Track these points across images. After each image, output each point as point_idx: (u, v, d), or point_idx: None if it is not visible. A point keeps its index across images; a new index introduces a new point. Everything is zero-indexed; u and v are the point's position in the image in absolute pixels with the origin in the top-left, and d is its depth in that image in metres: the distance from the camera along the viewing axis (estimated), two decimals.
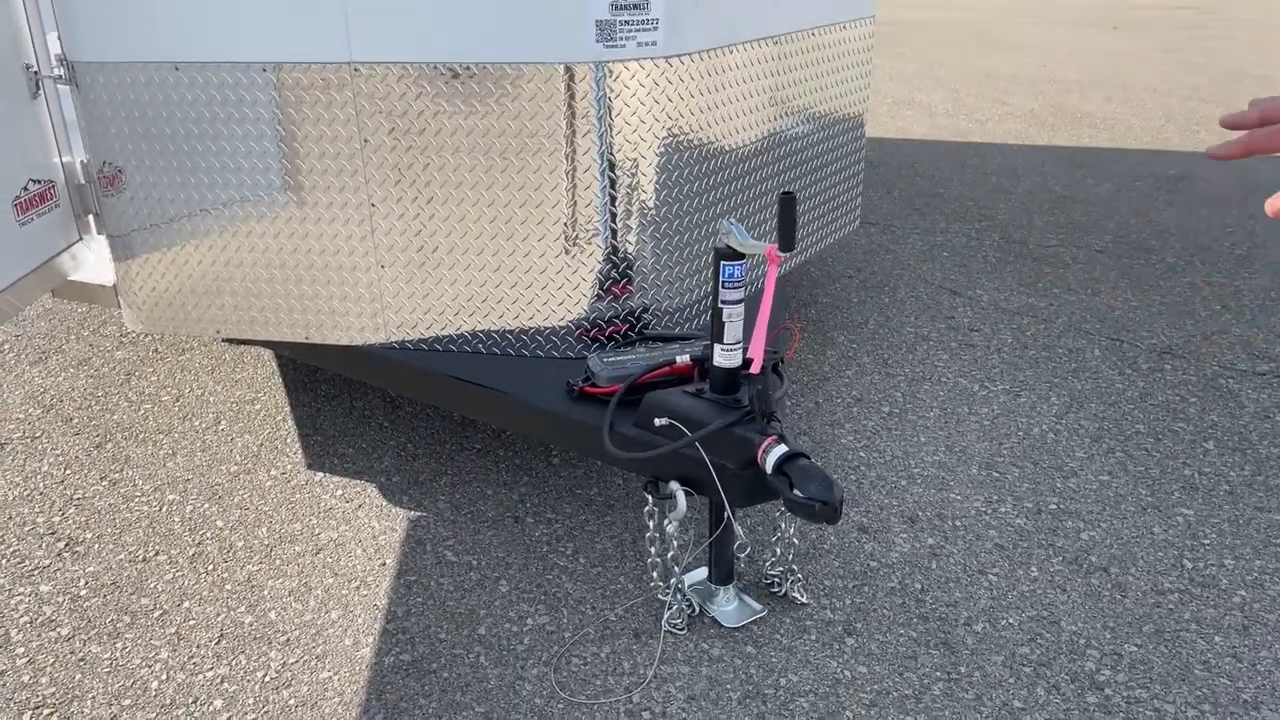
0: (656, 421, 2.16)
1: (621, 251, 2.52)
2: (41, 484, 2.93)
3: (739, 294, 2.07)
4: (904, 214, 5.26)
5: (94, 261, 2.92)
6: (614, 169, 2.45)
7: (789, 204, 1.91)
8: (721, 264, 2.05)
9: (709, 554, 2.32)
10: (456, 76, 2.37)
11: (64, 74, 2.60)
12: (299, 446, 3.09)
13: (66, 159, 2.75)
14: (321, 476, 2.93)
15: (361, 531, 2.67)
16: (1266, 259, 4.58)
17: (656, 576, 2.37)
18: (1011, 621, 2.30)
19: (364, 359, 2.71)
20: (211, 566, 2.55)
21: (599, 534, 2.64)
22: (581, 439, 2.35)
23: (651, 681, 2.14)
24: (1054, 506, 2.73)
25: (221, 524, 2.73)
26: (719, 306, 2.08)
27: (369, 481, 2.90)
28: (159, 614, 2.39)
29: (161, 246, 2.69)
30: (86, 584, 2.50)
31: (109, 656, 2.26)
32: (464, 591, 2.44)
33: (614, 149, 2.43)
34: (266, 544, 2.64)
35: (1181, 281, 4.32)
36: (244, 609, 2.40)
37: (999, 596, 2.39)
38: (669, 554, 2.27)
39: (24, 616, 2.39)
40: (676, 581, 2.28)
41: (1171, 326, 3.86)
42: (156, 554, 2.61)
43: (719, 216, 2.74)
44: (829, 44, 3.13)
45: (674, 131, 2.50)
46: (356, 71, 2.40)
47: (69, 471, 2.99)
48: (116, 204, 2.70)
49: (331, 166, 2.51)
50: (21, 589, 2.49)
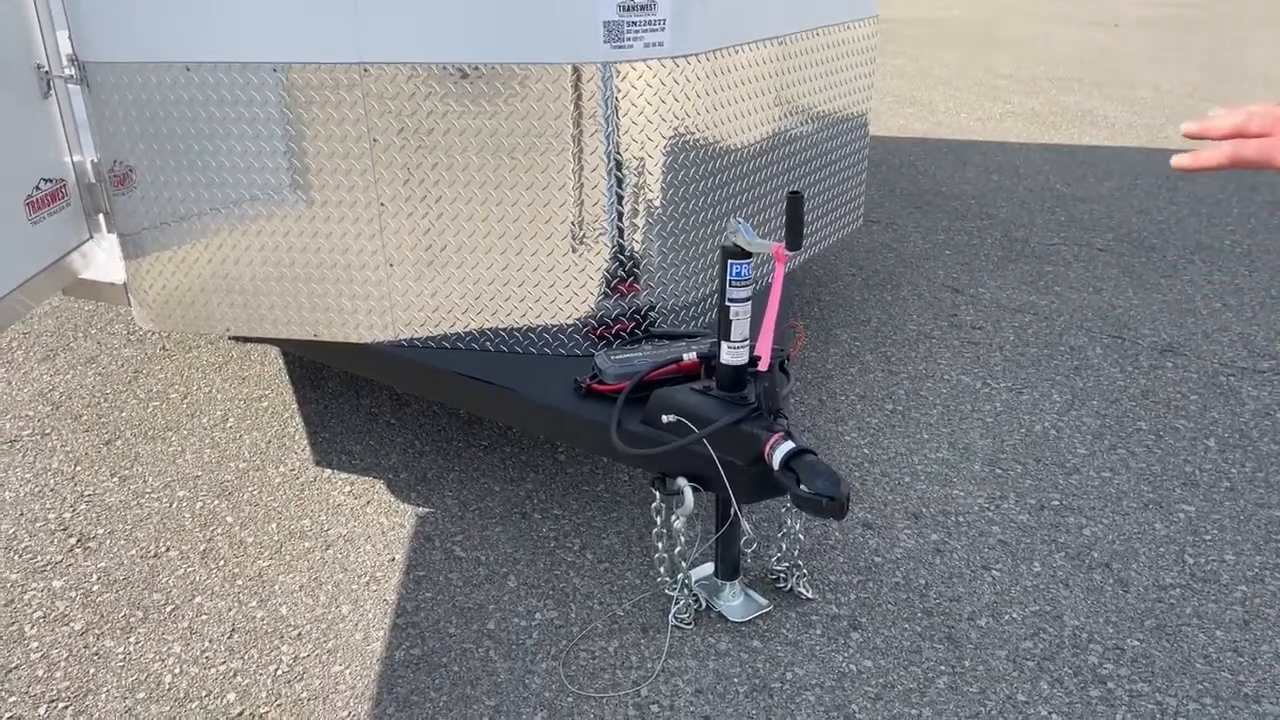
0: (664, 418, 2.19)
1: (629, 250, 2.54)
2: (52, 481, 2.96)
3: (746, 292, 2.09)
4: (906, 212, 5.28)
5: (104, 260, 2.94)
6: (621, 168, 2.47)
7: (796, 203, 1.93)
8: (729, 262, 2.07)
9: (715, 550, 2.34)
10: (465, 77, 2.40)
11: (75, 74, 2.62)
12: (307, 443, 3.12)
13: (77, 158, 2.78)
14: (330, 473, 2.95)
15: (370, 527, 2.70)
16: (1267, 257, 4.60)
17: (663, 572, 2.39)
18: (1015, 616, 2.33)
19: (372, 357, 2.73)
20: (222, 562, 2.58)
21: (606, 530, 2.67)
22: (589, 436, 2.37)
23: (659, 675, 2.17)
24: (1056, 503, 2.75)
25: (231, 520, 2.75)
26: (726, 304, 2.10)
27: (377, 478, 2.92)
28: (171, 609, 2.42)
29: (172, 245, 2.71)
30: (99, 579, 2.53)
31: (122, 651, 2.29)
32: (473, 587, 2.47)
33: (621, 148, 2.45)
34: (276, 540, 2.66)
35: (1182, 279, 4.35)
36: (255, 604, 2.43)
37: (1002, 592, 2.41)
38: (676, 549, 2.30)
39: (37, 611, 2.42)
40: (683, 577, 2.31)
41: (1173, 324, 3.89)
42: (168, 549, 2.63)
43: (724, 215, 2.76)
44: (833, 44, 3.15)
45: (680, 131, 2.52)
46: (366, 72, 2.42)
47: (79, 468, 3.02)
48: (127, 203, 2.72)
49: (341, 166, 2.53)
50: (35, 584, 2.51)
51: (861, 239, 4.85)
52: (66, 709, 2.13)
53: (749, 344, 2.14)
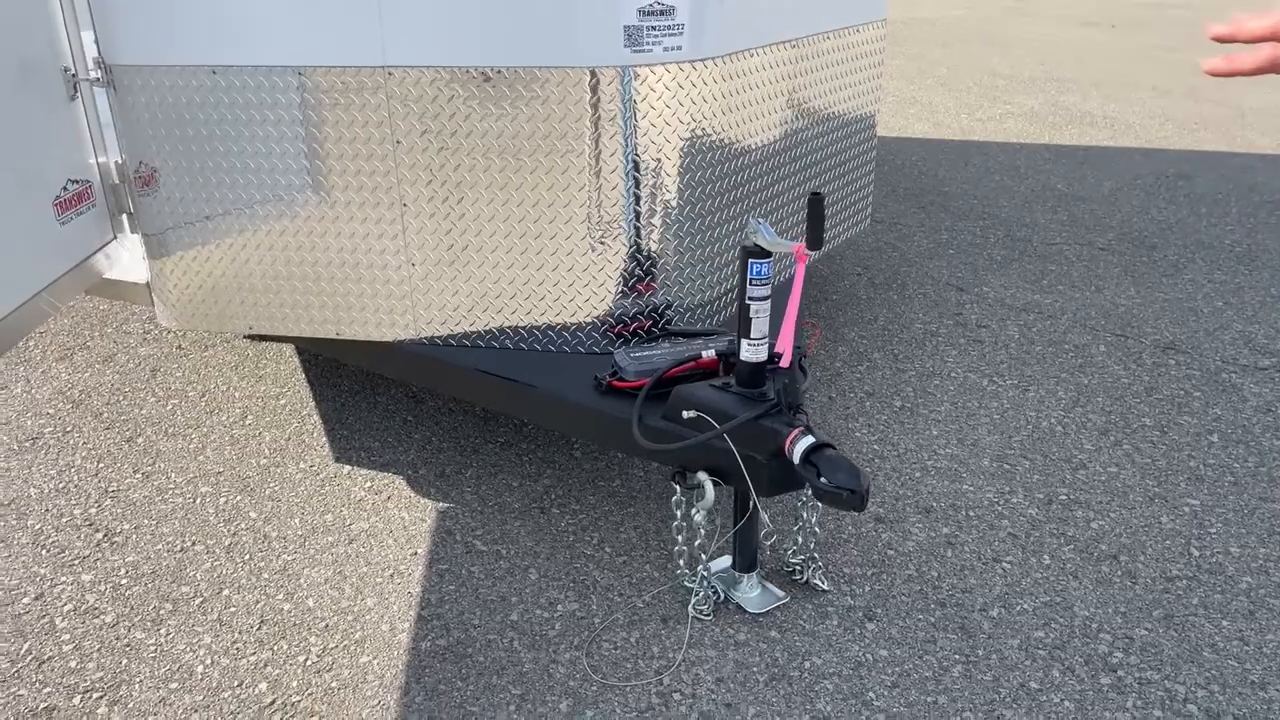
0: (684, 414, 2.24)
1: (647, 250, 2.60)
2: (76, 477, 3.00)
3: (766, 290, 2.15)
4: (909, 211, 5.34)
5: (127, 260, 2.99)
6: (640, 170, 2.52)
7: (817, 204, 1.98)
8: (749, 261, 2.12)
9: (733, 542, 2.40)
10: (488, 80, 2.45)
11: (101, 77, 2.66)
12: (325, 440, 3.17)
13: (101, 159, 2.82)
14: (349, 469, 3.00)
15: (392, 522, 2.75)
16: (1267, 257, 4.67)
17: (683, 564, 2.44)
18: (1026, 607, 2.38)
19: (394, 355, 2.78)
20: (248, 556, 2.63)
21: (623, 524, 2.72)
22: (610, 431, 2.42)
23: (681, 665, 2.22)
24: (1064, 497, 2.81)
25: (255, 515, 2.80)
26: (746, 303, 2.15)
27: (396, 474, 2.97)
28: (200, 601, 2.47)
29: (195, 245, 2.76)
30: (127, 573, 2.57)
31: (153, 642, 2.33)
32: (495, 579, 2.52)
33: (639, 150, 2.50)
34: (300, 534, 2.71)
35: (1183, 279, 4.41)
36: (282, 596, 2.48)
37: (1013, 583, 2.47)
38: (696, 542, 2.35)
39: (68, 604, 2.47)
40: (703, 569, 2.36)
41: (1174, 323, 3.95)
42: (193, 544, 2.68)
43: (739, 216, 2.82)
44: (843, 47, 3.21)
45: (697, 134, 2.57)
46: (390, 75, 2.47)
47: (102, 465, 3.06)
48: (152, 203, 2.76)
49: (364, 167, 2.58)
50: (64, 578, 2.56)
51: (866, 238, 4.90)
52: (101, 699, 2.18)
53: (768, 341, 2.19)
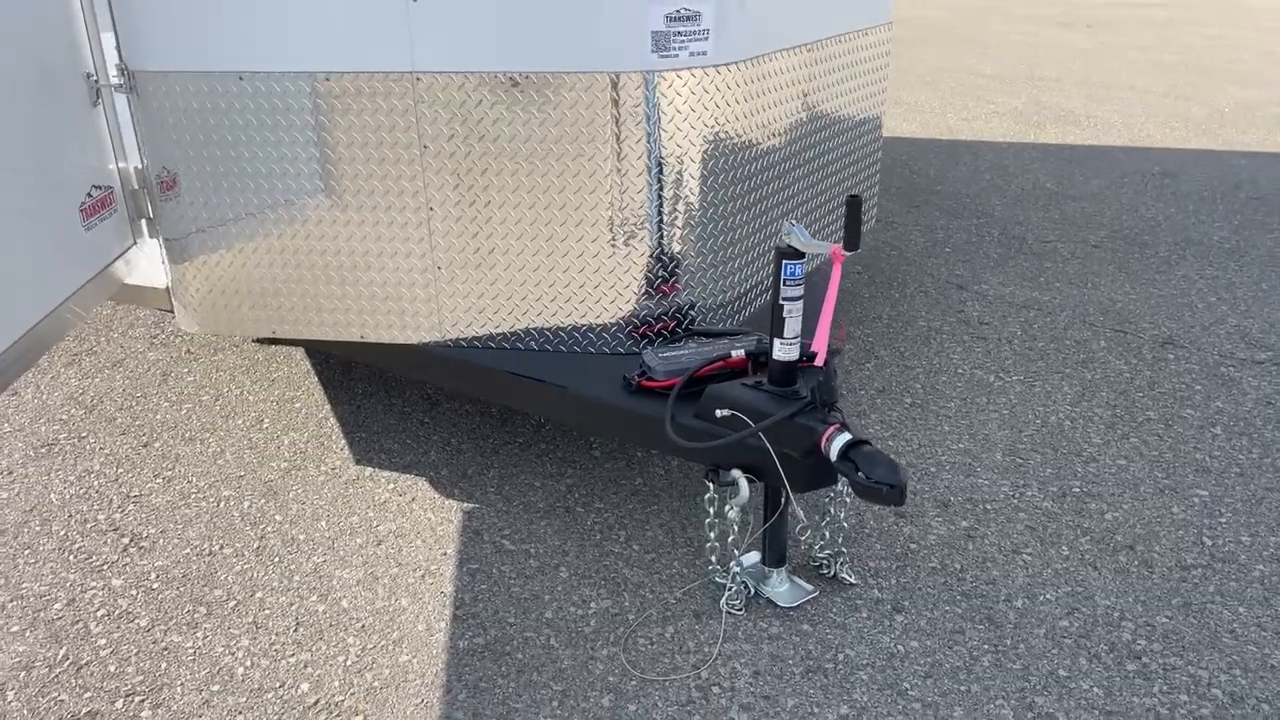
0: (718, 413, 2.28)
1: (675, 251, 2.63)
2: (96, 482, 3.00)
3: (799, 291, 2.19)
4: (904, 211, 5.41)
5: (145, 265, 2.99)
6: (665, 173, 2.56)
7: (855, 206, 2.03)
8: (784, 262, 2.17)
9: (763, 538, 2.44)
10: (516, 85, 2.48)
11: (124, 83, 2.67)
12: (345, 443, 3.18)
13: (121, 165, 2.83)
14: (371, 471, 3.02)
15: (419, 523, 2.77)
16: (1255, 252, 4.77)
17: (715, 560, 2.48)
18: (1049, 597, 2.45)
19: (419, 357, 2.80)
20: (277, 559, 2.64)
21: (648, 522, 2.76)
22: (641, 430, 2.46)
23: (717, 659, 2.26)
24: (1077, 489, 2.88)
25: (280, 518, 2.81)
26: (780, 303, 2.20)
27: (419, 476, 3.00)
28: (233, 604, 2.48)
29: (218, 249, 2.77)
30: (157, 577, 2.58)
31: (191, 645, 2.35)
32: (526, 578, 2.55)
33: (666, 153, 2.54)
34: (328, 536, 2.73)
35: (1176, 274, 4.50)
36: (315, 598, 2.50)
37: (1034, 574, 2.53)
38: (729, 538, 2.39)
39: (100, 609, 2.47)
40: (737, 564, 2.40)
41: (1171, 318, 4.03)
42: (221, 548, 2.69)
43: (759, 217, 2.86)
44: (854, 49, 3.26)
45: (720, 136, 2.61)
46: (418, 80, 2.50)
47: (121, 470, 3.06)
48: (174, 208, 2.77)
49: (391, 172, 2.60)
50: (93, 583, 2.56)
51: (865, 237, 4.95)
52: (143, 702, 2.19)
53: (801, 341, 2.24)
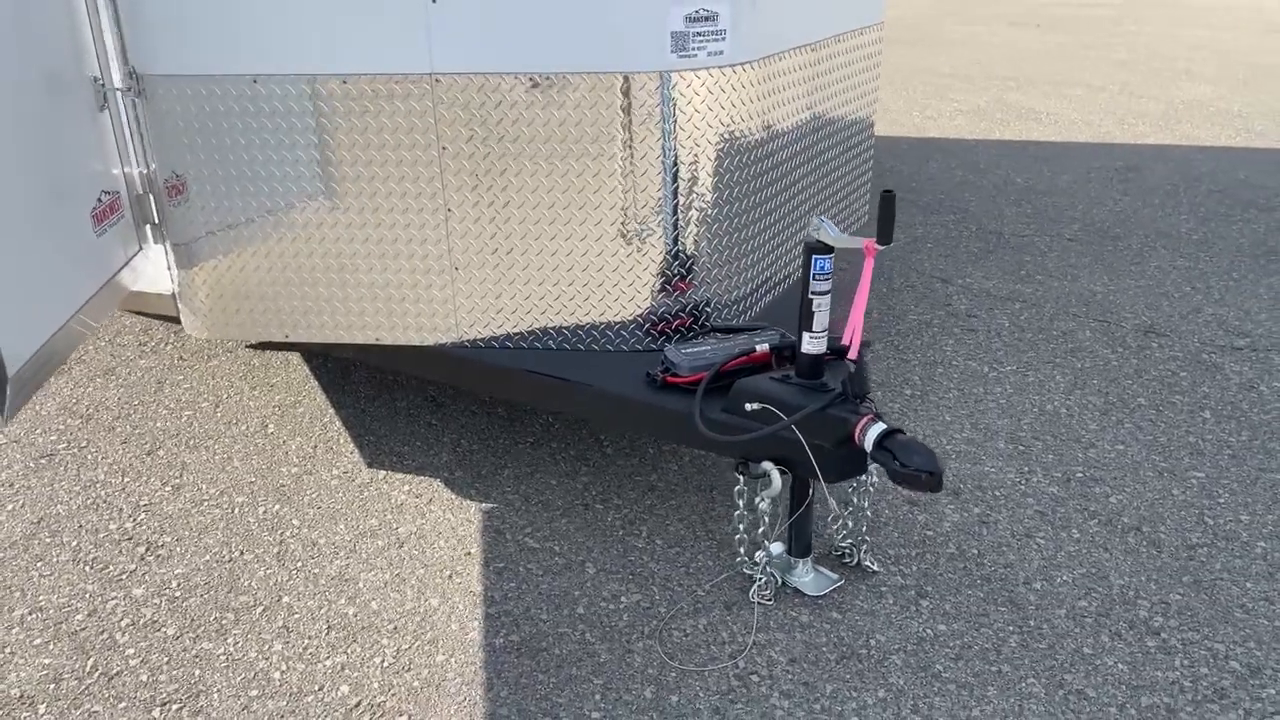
0: (747, 406, 2.32)
1: (692, 249, 2.67)
2: (102, 492, 2.96)
3: (828, 285, 2.24)
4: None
5: (150, 271, 2.95)
6: (684, 171, 2.59)
7: (889, 202, 2.08)
8: (813, 257, 2.21)
9: (789, 529, 2.48)
10: (536, 86, 2.49)
11: (133, 87, 2.64)
12: (354, 446, 3.17)
13: (127, 170, 2.79)
14: (385, 474, 3.02)
15: (439, 524, 2.77)
16: (1222, 243, 4.93)
17: (743, 552, 2.52)
18: (1066, 579, 2.52)
19: (436, 358, 2.80)
20: (300, 563, 2.63)
21: (669, 517, 2.79)
22: (669, 425, 2.49)
23: (752, 648, 2.30)
24: (1080, 474, 2.96)
25: (298, 523, 2.80)
26: (809, 297, 2.24)
27: (433, 477, 3.00)
28: (261, 610, 2.47)
29: (230, 253, 2.75)
30: (179, 585, 2.56)
31: (223, 652, 2.33)
32: (553, 575, 2.57)
33: (684, 153, 2.57)
34: (348, 540, 2.72)
35: (1150, 266, 4.64)
36: (344, 601, 2.49)
37: (1049, 557, 2.60)
38: (759, 529, 2.43)
39: (124, 619, 2.44)
40: (764, 555, 2.44)
41: (1150, 307, 4.16)
42: (241, 553, 2.67)
43: (770, 214, 2.91)
44: (852, 48, 3.33)
45: (735, 135, 2.65)
46: (437, 82, 2.50)
47: (127, 479, 3.02)
48: (182, 213, 2.75)
49: (409, 173, 2.61)
50: (114, 593, 2.53)
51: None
52: (181, 710, 2.17)
53: (828, 334, 2.28)
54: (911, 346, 3.80)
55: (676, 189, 2.61)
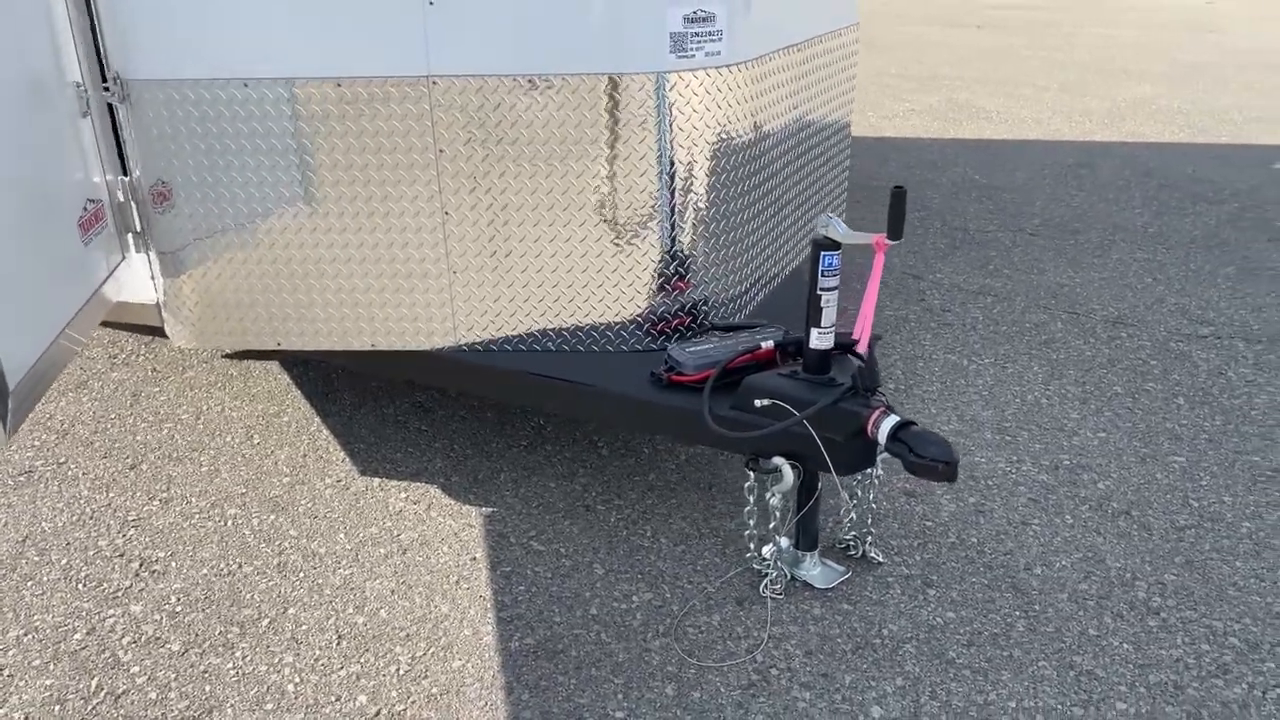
0: (757, 403, 2.34)
1: (692, 249, 2.68)
2: (87, 508, 2.88)
3: (836, 281, 2.27)
4: (847, 206, 5.57)
5: (132, 281, 2.88)
6: (682, 172, 2.61)
7: (900, 198, 2.12)
8: (821, 254, 2.24)
9: (797, 523, 2.51)
10: (534, 87, 2.49)
11: (116, 92, 2.58)
12: (344, 455, 3.13)
13: (109, 177, 2.73)
14: (380, 482, 2.98)
15: (441, 530, 2.75)
16: (1177, 236, 5.08)
17: (754, 548, 2.54)
18: (1064, 563, 2.58)
19: (433, 363, 2.78)
20: (302, 574, 2.59)
21: (671, 515, 2.80)
22: (676, 424, 2.50)
23: (768, 642, 2.32)
24: (1067, 462, 3.04)
25: (295, 533, 2.75)
26: (817, 293, 2.27)
27: (429, 483, 2.97)
28: (267, 622, 2.42)
29: (219, 261, 2.70)
30: (178, 600, 2.50)
31: (232, 666, 2.29)
32: (562, 577, 2.56)
33: (683, 153, 2.59)
34: (349, 549, 2.68)
35: (1111, 259, 4.77)
36: (351, 610, 2.46)
37: (1046, 542, 2.66)
38: (770, 524, 2.46)
39: (125, 637, 2.38)
40: (777, 550, 2.46)
41: (1116, 299, 4.28)
42: (240, 566, 2.62)
43: (761, 213, 2.94)
44: (832, 49, 3.37)
45: (730, 135, 2.68)
46: (435, 84, 2.49)
47: (112, 494, 2.95)
48: (169, 220, 2.69)
49: (405, 176, 2.58)
50: (111, 611, 2.47)
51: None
52: None
53: (835, 330, 2.32)
54: (891, 341, 3.86)
55: (675, 189, 2.63)
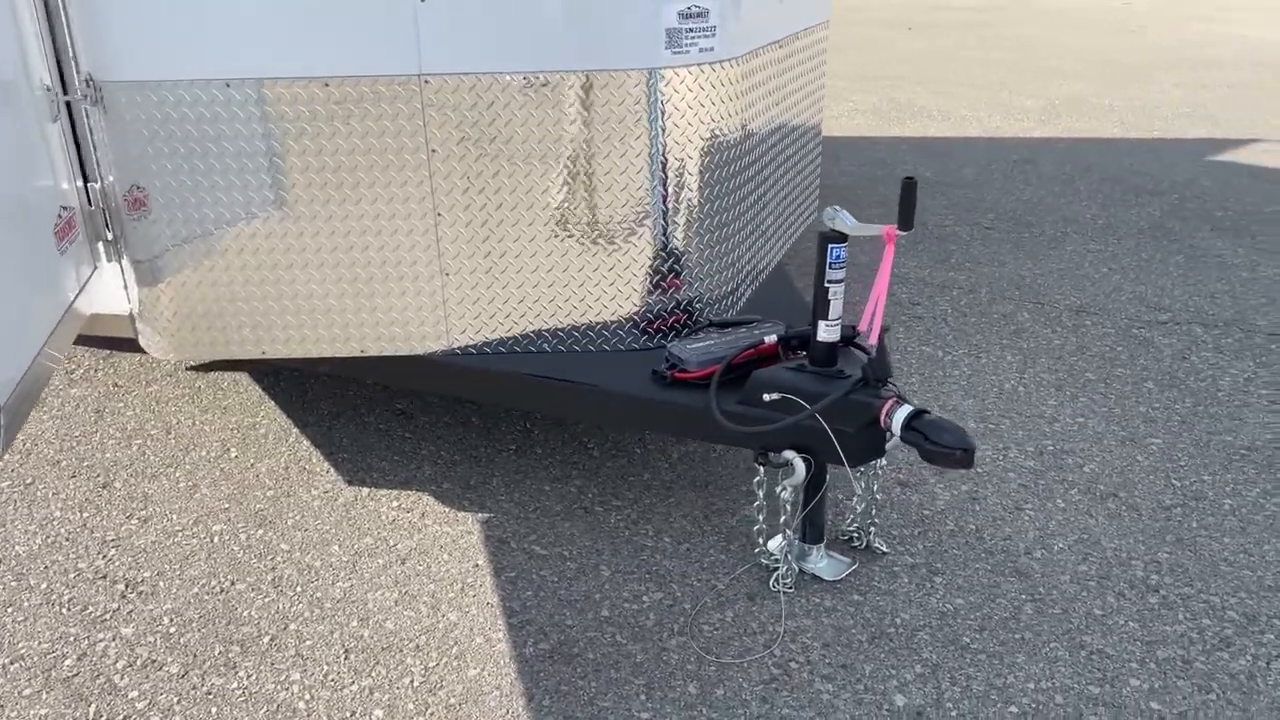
0: (765, 397, 2.34)
1: (687, 245, 2.67)
2: (62, 530, 2.76)
3: (843, 274, 2.28)
4: None
5: (103, 291, 2.77)
6: (678, 168, 2.60)
7: (910, 189, 2.14)
8: (829, 246, 2.25)
9: (804, 516, 2.51)
10: (529, 85, 2.46)
11: (89, 94, 2.48)
12: (328, 465, 3.05)
13: (80, 183, 2.62)
14: (369, 491, 2.91)
15: (439, 538, 2.70)
16: (1125, 227, 5.23)
17: (763, 543, 2.54)
18: (1062, 546, 2.63)
19: (426, 368, 2.73)
20: (299, 589, 2.52)
21: (670, 514, 2.78)
22: (683, 421, 2.49)
23: (785, 636, 2.32)
24: (1051, 448, 3.10)
25: (287, 547, 2.67)
26: (824, 286, 2.28)
27: (420, 491, 2.91)
28: (269, 639, 2.35)
29: (200, 268, 2.61)
30: (172, 621, 2.41)
31: (237, 687, 2.21)
32: (568, 580, 2.53)
33: (678, 149, 2.58)
34: (346, 560, 2.62)
35: (1066, 250, 4.89)
36: (356, 623, 2.39)
37: (1042, 526, 2.71)
38: (781, 518, 2.45)
39: (120, 661, 2.29)
40: (788, 544, 2.46)
41: (1075, 289, 4.38)
42: (233, 583, 2.54)
43: (750, 208, 2.94)
44: (807, 46, 3.40)
45: (722, 130, 2.67)
46: (427, 83, 2.44)
47: (86, 514, 2.83)
48: (144, 227, 2.60)
49: (396, 178, 2.53)
50: (101, 635, 2.37)
51: None
52: None
53: (842, 322, 2.33)
54: None
55: (669, 186, 2.61)
